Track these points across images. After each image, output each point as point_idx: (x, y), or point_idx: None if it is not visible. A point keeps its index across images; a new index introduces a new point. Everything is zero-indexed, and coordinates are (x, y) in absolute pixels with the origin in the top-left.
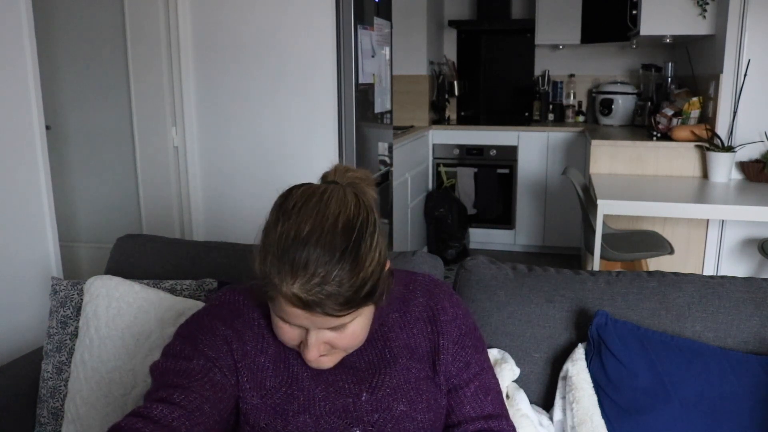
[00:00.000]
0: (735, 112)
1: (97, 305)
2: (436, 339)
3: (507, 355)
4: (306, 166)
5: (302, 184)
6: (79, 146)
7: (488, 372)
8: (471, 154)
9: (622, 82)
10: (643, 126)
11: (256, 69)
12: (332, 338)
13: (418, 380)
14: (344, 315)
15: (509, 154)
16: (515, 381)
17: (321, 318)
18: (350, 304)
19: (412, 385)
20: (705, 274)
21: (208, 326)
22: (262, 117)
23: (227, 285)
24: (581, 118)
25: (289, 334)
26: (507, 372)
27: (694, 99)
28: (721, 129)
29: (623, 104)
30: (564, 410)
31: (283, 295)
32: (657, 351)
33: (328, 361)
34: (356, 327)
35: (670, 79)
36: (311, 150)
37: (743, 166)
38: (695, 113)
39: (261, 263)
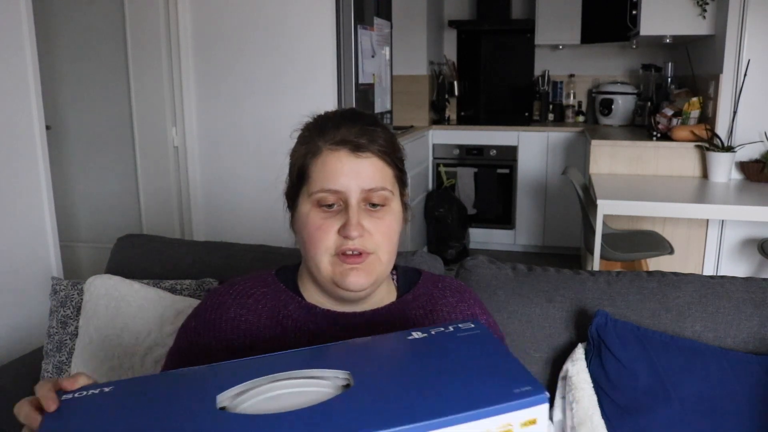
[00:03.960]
0: (735, 112)
1: (97, 304)
2: None
3: None
4: None
5: None
6: (79, 146)
7: None
8: (471, 154)
9: (622, 82)
10: (643, 126)
11: (256, 69)
12: (369, 224)
13: None
14: (387, 164)
15: (509, 154)
16: None
17: (361, 165)
18: (392, 154)
19: None
20: (705, 274)
21: (192, 337)
22: (262, 117)
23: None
24: (581, 118)
25: (327, 226)
26: None
27: (694, 99)
28: (721, 129)
29: (623, 104)
30: (564, 410)
31: (331, 143)
32: (657, 351)
33: (362, 275)
34: (390, 221)
35: (670, 79)
36: None
37: (743, 166)
38: (695, 113)
39: (297, 146)
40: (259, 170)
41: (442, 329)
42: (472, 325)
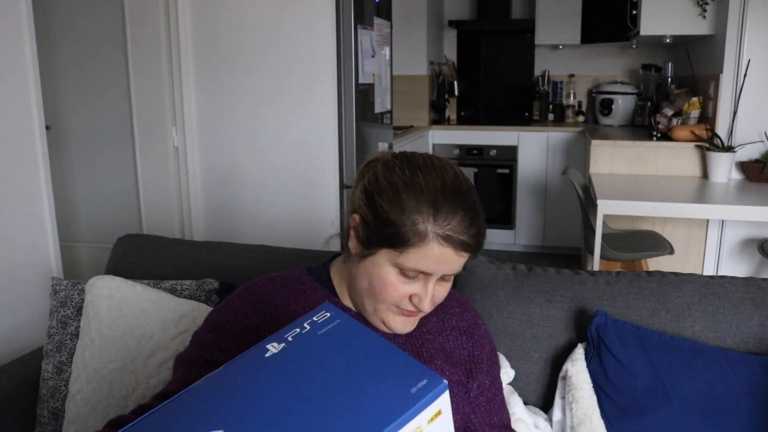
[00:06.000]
0: (735, 112)
1: (99, 306)
2: (471, 349)
3: (503, 358)
4: (306, 165)
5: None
6: (79, 146)
7: (502, 387)
8: (471, 154)
9: (622, 82)
10: (643, 126)
11: (256, 69)
12: (436, 291)
13: (450, 383)
14: (473, 258)
15: (509, 154)
16: (509, 383)
17: (458, 260)
18: (481, 248)
19: None
20: (705, 274)
21: (238, 316)
22: (262, 117)
23: (231, 283)
24: (581, 118)
25: (401, 289)
26: (503, 375)
27: (694, 99)
28: (721, 129)
29: (623, 104)
30: (563, 410)
31: (441, 236)
32: (657, 351)
33: (410, 324)
34: (449, 284)
35: (670, 79)
36: (311, 150)
37: (743, 166)
38: (695, 113)
39: (400, 212)
40: (260, 170)
41: (298, 330)
42: (328, 314)
